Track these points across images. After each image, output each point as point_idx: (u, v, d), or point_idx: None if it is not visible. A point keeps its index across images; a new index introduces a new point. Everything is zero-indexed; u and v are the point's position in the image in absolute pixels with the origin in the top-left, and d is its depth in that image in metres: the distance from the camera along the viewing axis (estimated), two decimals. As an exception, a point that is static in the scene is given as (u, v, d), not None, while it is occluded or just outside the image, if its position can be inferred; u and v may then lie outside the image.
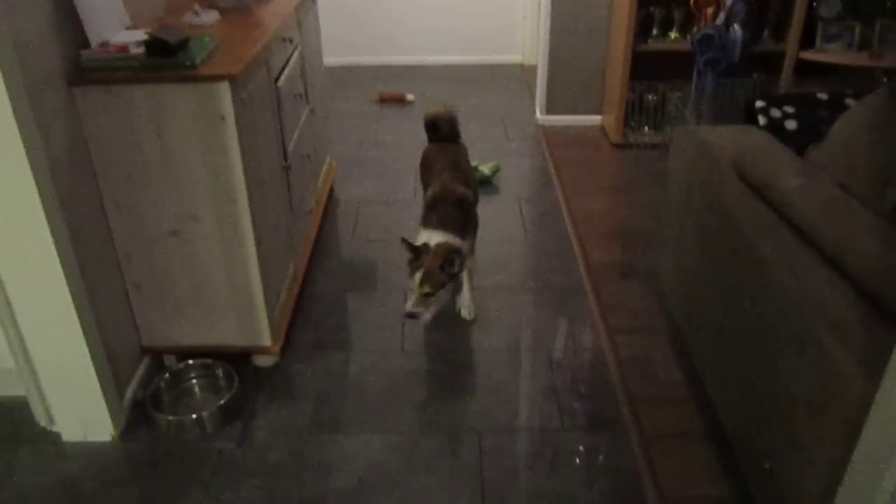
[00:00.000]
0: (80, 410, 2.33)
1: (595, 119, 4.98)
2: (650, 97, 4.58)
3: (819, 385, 1.57)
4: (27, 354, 2.24)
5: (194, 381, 2.61)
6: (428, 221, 2.71)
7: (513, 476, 2.24)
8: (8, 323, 2.18)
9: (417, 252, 2.59)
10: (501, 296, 3.13)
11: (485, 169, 4.11)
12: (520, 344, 2.85)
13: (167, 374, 2.56)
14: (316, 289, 3.18)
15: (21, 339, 2.21)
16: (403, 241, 2.61)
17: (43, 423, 2.41)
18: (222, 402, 2.44)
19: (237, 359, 2.62)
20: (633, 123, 4.65)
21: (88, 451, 2.34)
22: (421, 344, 2.83)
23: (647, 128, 4.66)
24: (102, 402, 2.31)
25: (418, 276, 2.53)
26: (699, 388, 2.48)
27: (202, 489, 2.19)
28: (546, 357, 2.77)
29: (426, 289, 2.53)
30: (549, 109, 4.99)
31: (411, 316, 2.57)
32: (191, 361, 2.61)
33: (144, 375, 2.58)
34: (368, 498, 2.17)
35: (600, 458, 2.29)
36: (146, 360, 2.62)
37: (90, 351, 2.20)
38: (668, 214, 2.78)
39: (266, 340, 2.59)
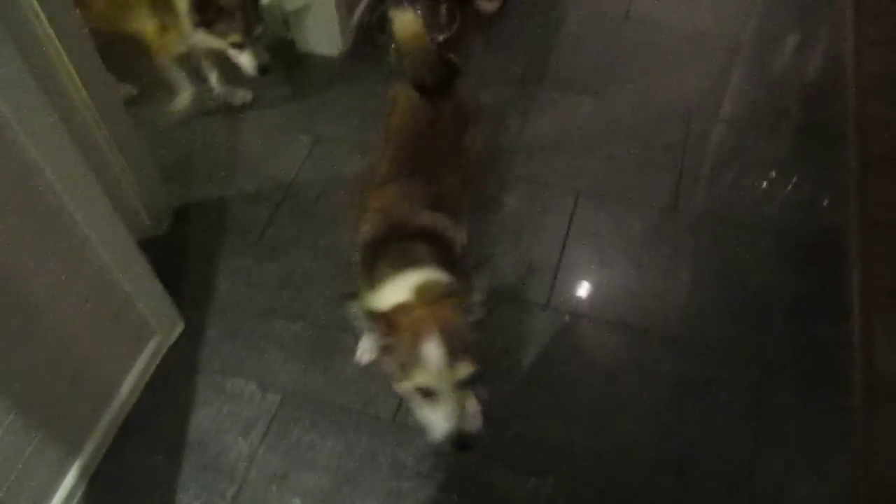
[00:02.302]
0: (315, 24, 2.47)
1: None
2: None
3: None
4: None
5: (418, 13, 2.65)
6: (375, 270, 1.46)
7: (711, 165, 2.22)
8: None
9: (392, 323, 1.28)
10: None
11: None
12: (745, 34, 2.63)
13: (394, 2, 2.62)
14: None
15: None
16: (348, 298, 1.28)
17: (280, 32, 2.58)
18: (442, 37, 2.49)
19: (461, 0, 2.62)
20: None
21: (316, 61, 2.54)
22: (644, 13, 2.69)
23: None
24: (335, 19, 2.42)
25: (436, 355, 1.23)
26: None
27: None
28: (774, 54, 2.57)
29: (463, 368, 1.26)
30: None
31: (462, 447, 1.29)
32: (417, -6, 2.64)
33: (372, 1, 2.65)
34: (577, 153, 2.26)
35: (807, 165, 2.21)
36: (375, -17, 2.68)
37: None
38: None
39: (492, -17, 2.56)
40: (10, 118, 1.22)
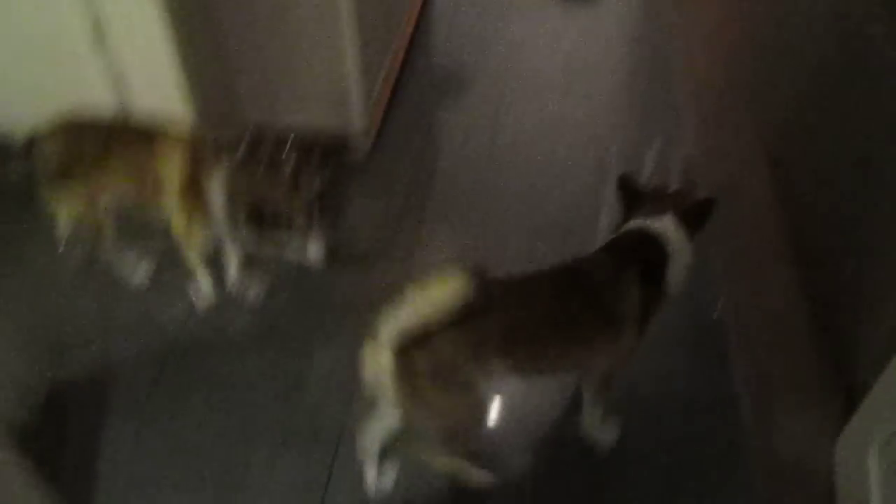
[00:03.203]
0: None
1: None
2: None
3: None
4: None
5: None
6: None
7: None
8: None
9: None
10: None
11: None
12: (610, 150, 2.79)
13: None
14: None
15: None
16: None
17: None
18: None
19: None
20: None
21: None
22: (508, 144, 2.81)
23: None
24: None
25: None
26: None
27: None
28: (638, 164, 2.71)
29: None
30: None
31: None
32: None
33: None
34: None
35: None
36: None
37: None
38: None
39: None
40: None
